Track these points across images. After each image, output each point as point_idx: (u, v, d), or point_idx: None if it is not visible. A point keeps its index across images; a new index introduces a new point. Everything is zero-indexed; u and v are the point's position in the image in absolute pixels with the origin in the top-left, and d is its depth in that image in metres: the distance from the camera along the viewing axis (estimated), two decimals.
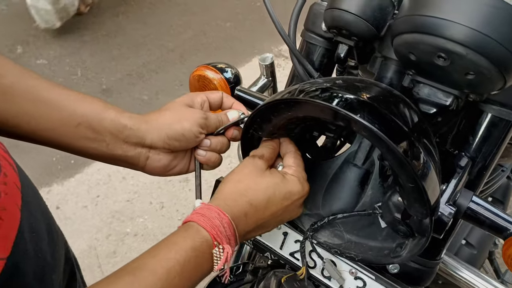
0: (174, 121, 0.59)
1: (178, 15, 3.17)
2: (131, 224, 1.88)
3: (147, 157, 0.60)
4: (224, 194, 0.54)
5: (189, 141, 0.61)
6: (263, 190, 0.55)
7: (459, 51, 0.44)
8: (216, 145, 0.64)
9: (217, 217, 0.50)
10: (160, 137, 0.58)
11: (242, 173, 0.57)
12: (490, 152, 0.58)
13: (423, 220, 0.52)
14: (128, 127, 0.57)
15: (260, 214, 0.55)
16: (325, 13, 0.58)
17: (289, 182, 0.57)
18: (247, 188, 0.55)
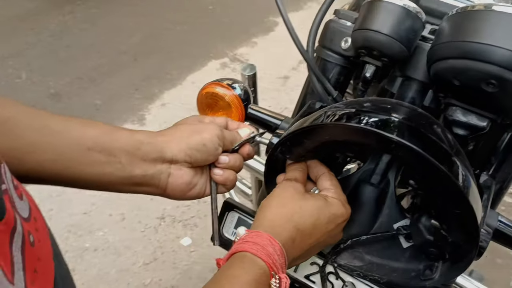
0: (192, 132, 0.56)
1: (128, 16, 3.05)
2: (89, 238, 1.76)
3: (169, 173, 0.55)
4: (270, 219, 0.51)
5: (209, 152, 0.57)
6: (308, 214, 0.53)
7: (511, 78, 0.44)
8: (235, 162, 0.61)
9: (269, 244, 0.47)
10: (180, 148, 0.55)
11: (284, 196, 0.54)
12: (510, 171, 0.60)
13: (462, 244, 0.52)
14: (145, 142, 0.53)
15: (307, 239, 0.53)
16: (355, 33, 0.57)
17: (333, 205, 0.56)
18: (293, 212, 0.52)
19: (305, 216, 0.52)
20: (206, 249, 1.73)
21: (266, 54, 2.86)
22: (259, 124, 0.68)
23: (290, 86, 2.61)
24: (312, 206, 0.54)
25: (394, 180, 0.67)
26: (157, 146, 0.54)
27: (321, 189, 0.59)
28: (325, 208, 0.54)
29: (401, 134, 0.46)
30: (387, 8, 0.54)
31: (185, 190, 0.58)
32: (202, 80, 2.61)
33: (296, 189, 0.55)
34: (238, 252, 0.47)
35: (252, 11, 3.30)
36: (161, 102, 2.39)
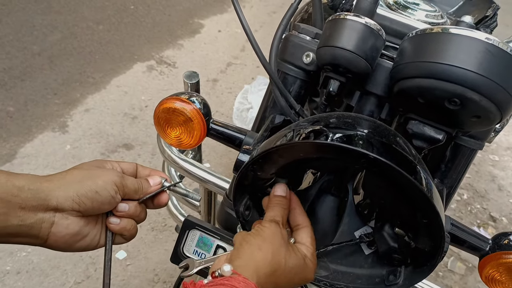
0: (84, 177, 0.51)
1: (40, 14, 2.82)
2: (11, 260, 1.60)
3: (52, 222, 0.49)
4: (257, 266, 0.50)
5: (103, 201, 0.52)
6: (288, 271, 0.53)
7: (474, 98, 0.48)
8: (135, 211, 0.57)
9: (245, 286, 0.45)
10: (68, 195, 0.49)
11: (273, 244, 0.53)
12: (458, 177, 0.65)
13: (427, 250, 0.55)
14: (25, 188, 0.46)
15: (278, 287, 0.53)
16: (320, 50, 0.57)
17: (307, 269, 0.56)
18: (278, 267, 0.51)
19: (285, 274, 0.52)
20: (143, 261, 1.66)
21: (193, 56, 2.82)
22: (223, 139, 0.67)
23: (220, 89, 2.60)
24: (294, 265, 0.53)
25: (352, 189, 0.69)
26: (40, 192, 0.47)
27: (299, 241, 0.58)
28: (302, 270, 0.55)
29: (379, 151, 0.48)
30: (351, 25, 0.56)
31: (70, 241, 0.52)
32: (127, 83, 2.51)
33: (284, 237, 0.55)
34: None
35: (176, 12, 3.22)
36: (84, 107, 2.25)
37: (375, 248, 0.64)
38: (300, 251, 0.56)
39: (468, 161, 0.65)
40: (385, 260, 0.63)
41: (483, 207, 2.18)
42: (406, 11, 0.81)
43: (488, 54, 0.48)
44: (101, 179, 0.51)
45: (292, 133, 0.54)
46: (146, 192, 0.58)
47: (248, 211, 0.63)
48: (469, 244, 0.62)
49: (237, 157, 0.60)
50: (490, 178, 2.36)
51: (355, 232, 0.68)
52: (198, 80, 1.10)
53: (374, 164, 0.49)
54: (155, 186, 0.59)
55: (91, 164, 0.55)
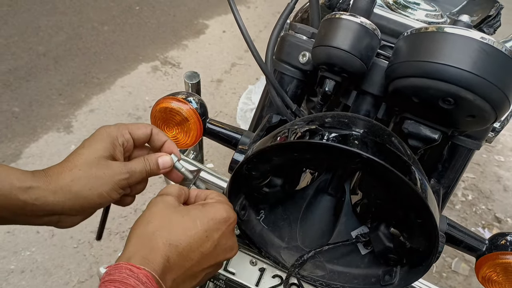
0: (91, 189, 0.49)
1: (45, 15, 2.84)
2: (15, 259, 1.61)
3: (57, 221, 0.51)
4: (134, 243, 0.45)
5: (105, 204, 0.53)
6: (180, 226, 0.46)
7: (468, 97, 0.48)
8: (137, 191, 0.57)
9: (131, 275, 0.40)
10: (73, 208, 0.49)
11: (151, 211, 0.48)
12: (455, 177, 0.65)
13: (422, 250, 0.55)
14: (29, 203, 0.47)
15: (188, 255, 0.46)
16: (316, 49, 0.57)
17: (211, 208, 0.49)
18: (159, 227, 0.45)
19: (176, 228, 0.46)
20: None
21: (197, 57, 2.82)
22: (219, 139, 0.67)
23: (224, 89, 2.60)
24: (185, 216, 0.47)
25: (349, 189, 0.69)
26: (46, 207, 0.48)
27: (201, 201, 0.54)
28: (201, 214, 0.48)
29: (372, 151, 0.47)
30: (346, 25, 0.56)
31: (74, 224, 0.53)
32: (132, 84, 2.52)
33: (166, 202, 0.49)
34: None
35: (181, 13, 3.23)
36: (89, 108, 2.26)
37: (371, 248, 0.64)
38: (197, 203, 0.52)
39: (466, 161, 0.64)
40: (381, 260, 0.63)
41: (488, 208, 2.17)
42: (406, 11, 0.81)
43: (483, 53, 0.48)
44: (106, 188, 0.50)
45: (287, 132, 0.54)
46: (154, 174, 0.56)
47: (244, 210, 0.63)
48: (466, 245, 0.61)
49: (232, 157, 0.60)
50: (495, 178, 2.35)
51: (352, 232, 0.68)
52: (199, 80, 1.11)
53: (368, 164, 0.49)
54: (163, 170, 0.56)
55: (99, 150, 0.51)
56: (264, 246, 0.65)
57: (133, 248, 0.44)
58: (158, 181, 1.95)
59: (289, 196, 0.70)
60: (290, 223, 0.69)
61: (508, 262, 0.59)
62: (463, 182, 2.28)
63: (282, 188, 0.63)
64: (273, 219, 0.68)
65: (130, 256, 0.43)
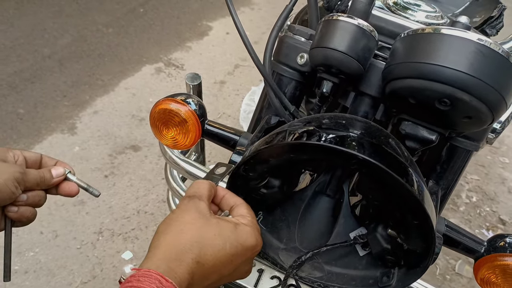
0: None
1: (51, 18, 2.86)
2: (19, 260, 1.62)
3: None
4: (164, 251, 0.44)
5: (3, 198, 0.53)
6: (211, 244, 0.46)
7: (464, 98, 0.48)
8: (34, 199, 0.57)
9: (158, 286, 0.39)
10: None
11: (184, 221, 0.47)
12: (454, 178, 0.64)
13: (419, 251, 0.55)
14: None
15: (209, 274, 0.46)
16: (313, 51, 0.58)
17: (243, 233, 0.49)
18: (193, 241, 0.45)
19: (207, 246, 0.45)
20: None
21: (201, 59, 2.83)
22: (218, 140, 0.67)
23: (227, 91, 2.61)
24: (217, 233, 0.46)
25: (347, 190, 0.69)
26: None
27: (235, 215, 0.53)
28: (233, 237, 0.48)
29: (368, 152, 0.48)
30: (343, 27, 0.56)
31: None
32: (135, 85, 2.53)
33: (200, 210, 0.48)
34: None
35: (185, 15, 3.25)
36: (93, 109, 2.27)
37: (370, 250, 0.64)
38: (230, 220, 0.50)
39: (464, 162, 0.64)
40: (379, 261, 0.63)
41: (493, 210, 2.15)
42: (406, 12, 0.81)
43: (479, 54, 0.48)
44: (3, 177, 0.52)
45: (284, 133, 0.54)
46: (48, 183, 0.58)
47: None
48: (464, 246, 0.61)
49: (230, 158, 0.61)
50: (500, 180, 2.33)
51: (350, 234, 0.68)
52: (200, 82, 1.11)
53: (364, 165, 0.49)
54: (57, 178, 0.59)
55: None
56: (262, 247, 0.65)
57: (163, 256, 0.44)
58: (161, 182, 1.96)
59: (288, 197, 0.70)
60: (289, 224, 0.69)
61: (507, 264, 0.58)
62: (467, 184, 2.27)
63: (280, 189, 0.64)
64: (271, 220, 0.68)
65: (159, 265, 0.42)
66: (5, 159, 0.55)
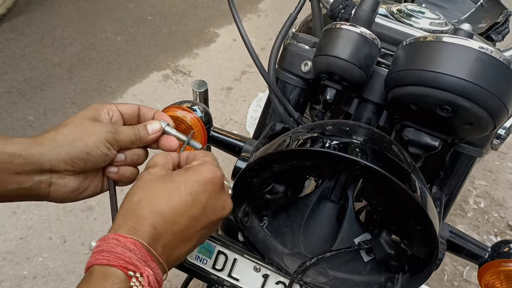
0: (75, 138, 0.50)
1: (60, 26, 2.90)
2: (28, 265, 1.64)
3: (50, 183, 0.50)
4: (120, 216, 0.45)
5: (96, 160, 0.52)
6: (164, 193, 0.46)
7: (465, 105, 0.48)
8: (132, 158, 0.56)
9: (118, 244, 0.41)
10: (60, 158, 0.49)
11: (136, 185, 0.48)
12: (457, 184, 0.65)
13: (422, 257, 0.55)
14: (17, 155, 0.47)
15: (173, 220, 0.46)
16: (316, 58, 0.59)
17: (195, 171, 0.49)
18: (143, 197, 0.46)
19: (159, 197, 0.46)
20: None
21: (208, 65, 2.86)
22: (224, 147, 0.68)
23: (234, 97, 2.62)
24: (169, 183, 0.47)
25: (352, 196, 0.70)
26: (33, 157, 0.48)
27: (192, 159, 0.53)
28: (186, 179, 0.48)
29: (370, 158, 0.48)
30: (346, 35, 0.57)
31: (72, 196, 0.53)
32: (143, 92, 2.56)
33: (151, 173, 0.49)
34: (87, 269, 0.42)
35: (192, 22, 3.28)
36: None
37: (374, 255, 0.65)
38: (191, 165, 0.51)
39: (468, 168, 0.64)
40: (383, 267, 0.63)
41: (501, 216, 2.14)
42: (410, 20, 0.81)
43: (480, 62, 0.48)
44: (92, 139, 0.50)
45: (288, 140, 0.55)
46: (144, 141, 0.56)
47: (247, 217, 0.64)
48: (468, 252, 0.61)
49: (235, 164, 0.62)
50: (508, 186, 2.31)
51: (355, 239, 0.68)
52: (206, 89, 1.12)
53: (367, 171, 0.49)
54: (154, 134, 0.56)
55: (85, 115, 0.53)
56: (267, 253, 0.66)
57: (121, 220, 0.45)
58: None
59: (293, 203, 0.70)
60: (293, 230, 0.70)
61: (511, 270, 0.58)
62: (475, 189, 2.26)
63: (285, 195, 0.64)
64: (276, 226, 0.68)
65: (118, 228, 0.44)
66: (97, 117, 0.53)
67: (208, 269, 0.69)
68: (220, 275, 0.69)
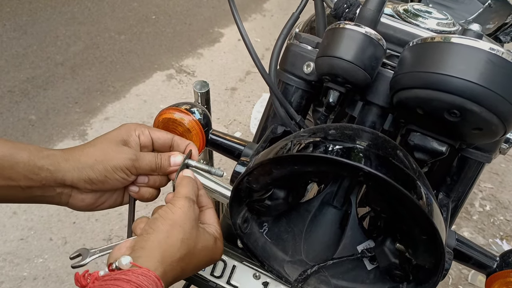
0: (96, 161, 0.53)
1: (64, 25, 2.90)
2: (28, 266, 1.63)
3: (69, 195, 0.55)
4: (163, 253, 0.46)
5: (115, 183, 0.55)
6: (197, 255, 0.51)
7: (474, 109, 0.46)
8: (154, 181, 0.59)
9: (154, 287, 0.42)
10: (81, 177, 0.53)
11: (184, 228, 0.49)
12: (465, 190, 0.62)
13: (428, 267, 0.53)
14: (44, 168, 0.51)
15: (182, 276, 0.51)
16: (319, 60, 0.56)
17: (216, 249, 0.55)
18: (187, 251, 0.49)
19: (193, 257, 0.50)
20: None
21: (212, 65, 2.84)
22: (223, 150, 0.66)
23: (238, 97, 2.60)
24: (204, 246, 0.52)
25: (355, 202, 0.68)
26: (58, 173, 0.52)
27: (207, 222, 0.57)
28: (211, 252, 0.53)
29: (374, 165, 0.46)
30: (350, 35, 0.55)
31: (89, 208, 0.57)
32: (147, 92, 2.55)
33: (195, 217, 0.52)
34: None
35: (197, 21, 3.26)
36: (104, 116, 2.29)
37: (378, 263, 0.62)
38: (210, 232, 0.54)
39: (476, 174, 0.62)
40: (387, 276, 0.61)
41: (507, 219, 2.10)
42: (417, 20, 0.79)
43: (490, 64, 0.46)
44: (111, 164, 0.53)
45: (289, 145, 0.53)
46: (165, 171, 0.58)
47: (246, 223, 0.62)
48: (476, 261, 0.59)
49: (234, 169, 0.60)
50: None
51: (358, 247, 0.66)
52: (208, 90, 1.10)
53: (370, 178, 0.47)
54: (174, 167, 0.59)
55: (114, 136, 0.56)
56: (267, 260, 0.64)
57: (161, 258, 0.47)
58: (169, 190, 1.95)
59: (294, 208, 0.68)
60: (294, 236, 0.67)
61: None
62: (480, 192, 2.23)
63: (285, 200, 0.62)
64: (276, 232, 0.66)
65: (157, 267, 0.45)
66: (127, 139, 0.56)
67: (207, 276, 0.67)
68: (218, 282, 0.67)
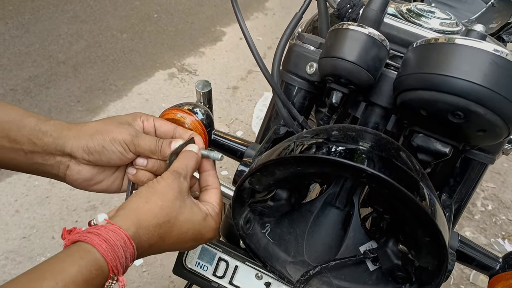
0: (96, 131, 0.54)
1: (66, 23, 2.90)
2: (30, 264, 1.63)
3: (67, 166, 0.55)
4: (139, 216, 0.46)
5: (111, 156, 0.55)
6: (179, 226, 0.50)
7: (479, 111, 0.46)
8: (153, 166, 0.58)
9: (122, 246, 0.42)
10: (79, 145, 0.53)
11: (166, 197, 0.49)
12: (467, 191, 0.62)
13: (431, 269, 0.53)
14: (48, 134, 0.53)
15: (163, 247, 0.50)
16: (322, 60, 0.56)
17: (208, 226, 0.53)
18: (166, 219, 0.48)
19: (175, 227, 0.49)
20: (159, 268, 1.67)
21: (214, 64, 2.84)
22: (225, 150, 0.66)
23: (240, 96, 2.60)
24: (188, 219, 0.50)
25: (358, 203, 0.67)
26: (59, 139, 0.53)
27: (206, 200, 0.56)
28: (199, 226, 0.52)
29: (377, 166, 0.46)
30: (353, 36, 0.55)
31: (84, 184, 0.57)
32: (149, 91, 2.55)
33: (181, 190, 0.51)
34: (81, 241, 0.42)
35: (199, 20, 3.26)
36: (106, 114, 2.29)
37: (380, 264, 0.62)
38: (202, 208, 0.53)
39: (479, 175, 0.62)
40: (389, 277, 0.61)
41: (509, 219, 2.10)
42: (420, 20, 0.79)
43: (494, 65, 0.46)
44: (110, 136, 0.54)
45: (292, 146, 0.53)
46: (164, 155, 0.57)
47: (249, 224, 0.62)
48: (478, 263, 0.59)
49: (236, 169, 0.60)
50: None
51: (360, 247, 0.66)
52: (210, 89, 1.10)
53: (373, 179, 0.47)
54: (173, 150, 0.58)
55: (121, 118, 0.57)
56: (269, 260, 0.64)
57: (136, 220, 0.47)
58: None
59: (296, 209, 0.68)
60: (297, 237, 0.67)
61: None
62: (482, 191, 2.22)
63: (288, 201, 0.62)
64: (279, 233, 0.66)
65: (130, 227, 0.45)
66: (131, 122, 0.57)
67: (209, 276, 0.67)
68: (221, 282, 0.67)
